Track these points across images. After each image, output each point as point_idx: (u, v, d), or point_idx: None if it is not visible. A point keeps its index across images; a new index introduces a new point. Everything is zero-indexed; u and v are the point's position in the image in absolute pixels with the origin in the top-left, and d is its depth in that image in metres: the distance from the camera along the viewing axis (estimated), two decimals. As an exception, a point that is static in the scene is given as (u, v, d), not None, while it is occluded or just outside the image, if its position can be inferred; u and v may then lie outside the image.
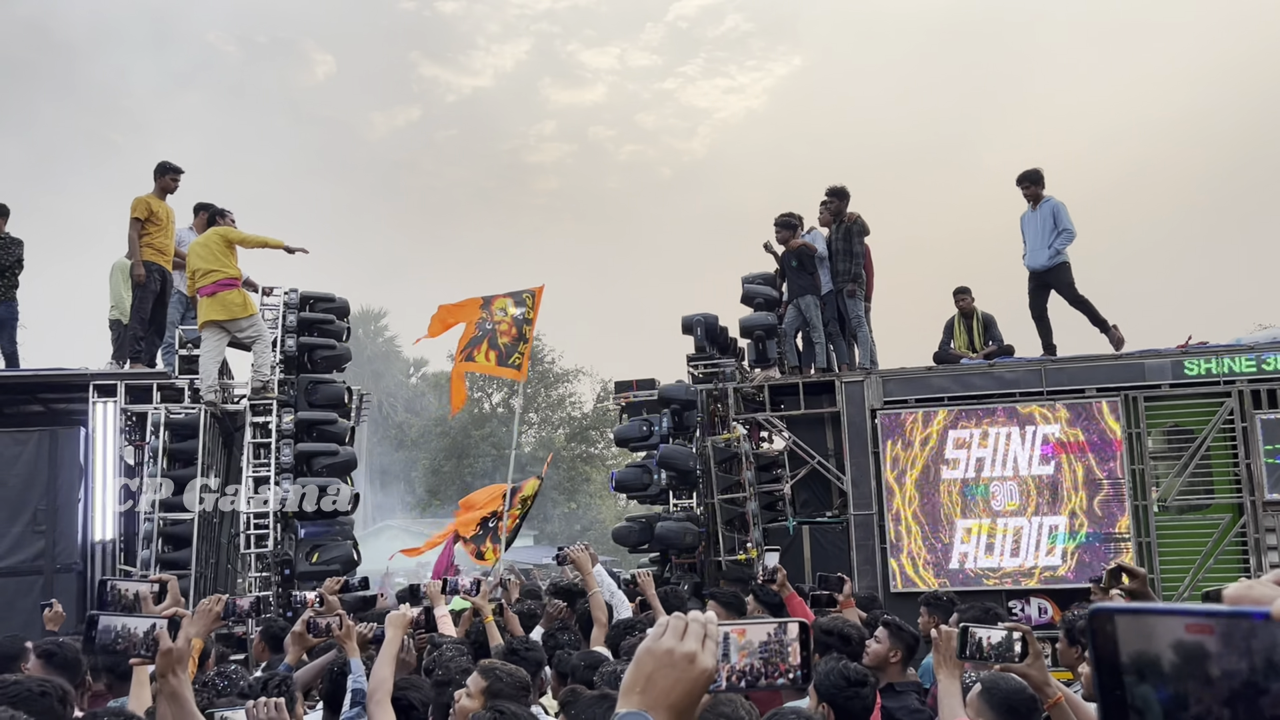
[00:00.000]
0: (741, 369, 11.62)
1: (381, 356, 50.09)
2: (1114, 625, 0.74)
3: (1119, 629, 0.74)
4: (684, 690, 1.28)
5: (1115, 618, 0.74)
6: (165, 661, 2.88)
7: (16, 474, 9.56)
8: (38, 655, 4.74)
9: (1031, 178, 11.02)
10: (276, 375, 10.19)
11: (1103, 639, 0.74)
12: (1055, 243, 10.80)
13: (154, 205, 10.37)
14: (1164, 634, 0.72)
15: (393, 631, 4.14)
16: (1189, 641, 0.72)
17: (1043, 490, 10.40)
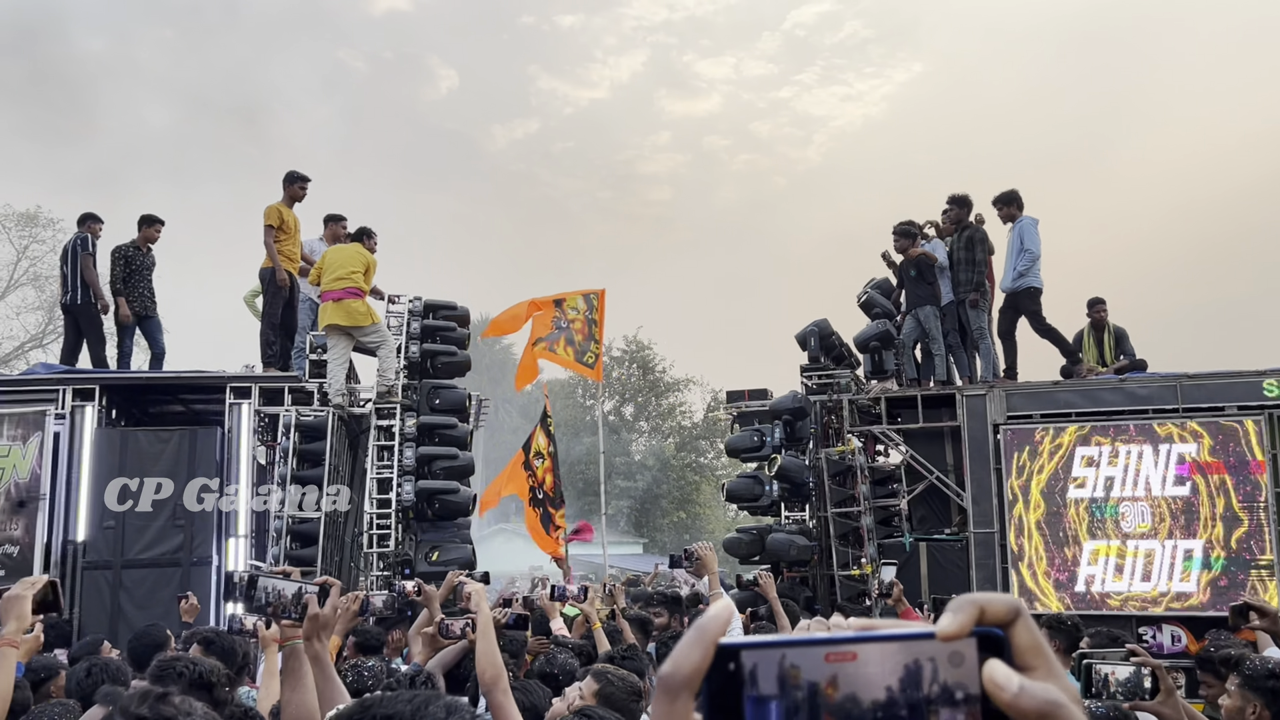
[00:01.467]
0: (857, 380, 11.44)
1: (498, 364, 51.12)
2: (738, 663, 0.62)
3: (744, 669, 0.62)
4: None
5: (740, 653, 0.62)
6: (312, 626, 2.91)
7: (159, 470, 10.08)
8: (198, 643, 4.96)
9: (1003, 199, 10.80)
10: (400, 380, 10.50)
11: (719, 679, 0.62)
12: (1018, 264, 10.45)
13: (284, 213, 10.83)
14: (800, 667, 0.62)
15: (484, 609, 3.98)
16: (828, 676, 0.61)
17: (1177, 512, 9.93)
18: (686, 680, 0.62)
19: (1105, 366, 10.96)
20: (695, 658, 0.61)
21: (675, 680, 0.62)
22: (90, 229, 11.10)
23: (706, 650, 0.62)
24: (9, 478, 9.91)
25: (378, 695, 1.43)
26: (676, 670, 0.62)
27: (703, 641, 0.62)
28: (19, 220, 29.97)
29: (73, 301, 10.96)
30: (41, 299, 30.67)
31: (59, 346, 30.55)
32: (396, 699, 1.41)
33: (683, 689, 0.62)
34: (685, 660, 0.62)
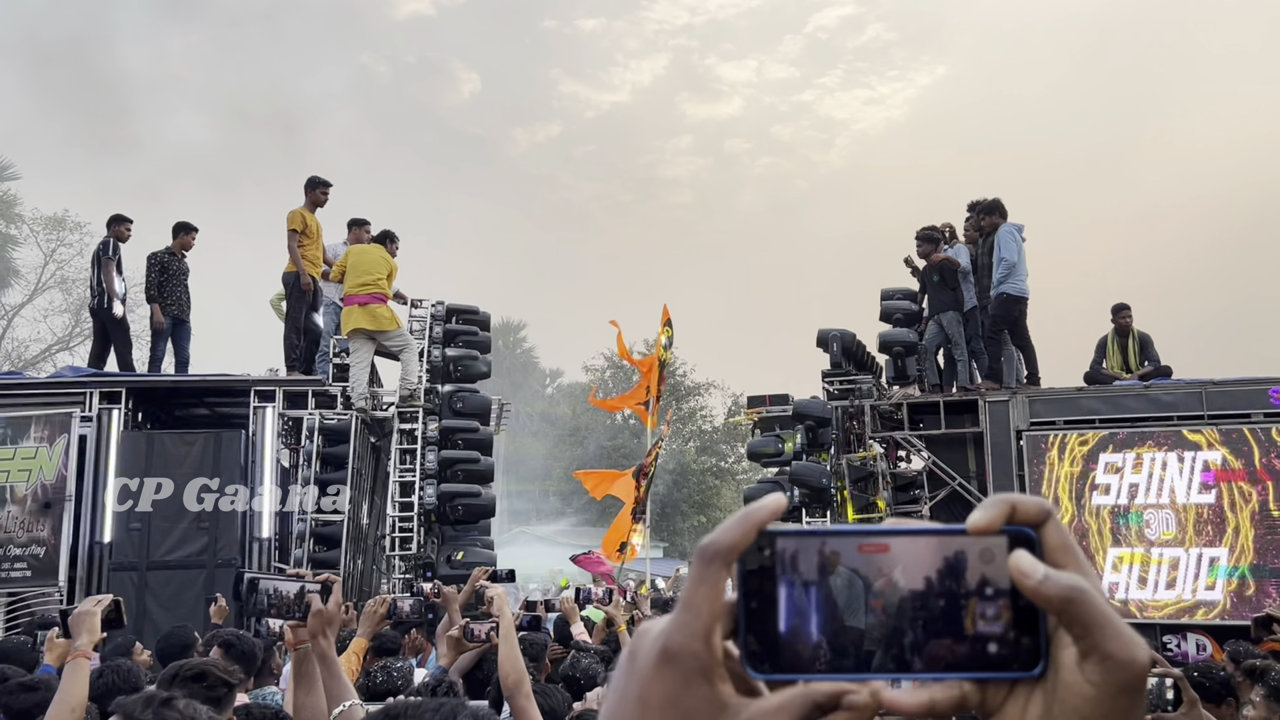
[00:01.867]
0: (879, 386, 11.41)
1: (520, 367, 51.25)
2: (773, 548, 0.63)
3: (778, 553, 0.63)
4: None
5: (777, 540, 0.63)
6: (317, 623, 2.89)
7: (184, 472, 10.18)
8: (219, 645, 5.01)
9: (986, 208, 10.80)
10: (423, 384, 10.56)
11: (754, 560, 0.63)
12: (997, 272, 10.41)
13: (307, 218, 10.91)
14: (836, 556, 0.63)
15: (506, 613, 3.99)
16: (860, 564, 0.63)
17: (1202, 520, 9.84)
18: (722, 552, 0.63)
19: (1129, 373, 10.88)
20: (736, 534, 0.63)
21: (711, 550, 0.64)
22: (117, 231, 11.19)
23: (748, 531, 0.63)
24: (36, 479, 10.02)
25: (403, 702, 1.44)
26: (715, 542, 0.64)
27: (746, 522, 0.64)
28: (47, 224, 30.33)
29: (99, 305, 11.07)
30: (68, 302, 31.04)
31: (85, 349, 30.89)
32: (422, 707, 1.42)
33: (717, 559, 0.63)
34: (726, 535, 0.64)
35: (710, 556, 0.64)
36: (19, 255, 29.88)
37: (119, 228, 11.20)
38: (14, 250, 29.67)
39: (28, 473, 10.05)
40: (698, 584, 0.64)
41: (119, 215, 11.28)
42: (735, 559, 0.64)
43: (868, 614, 0.64)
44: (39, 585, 9.77)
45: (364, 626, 4.53)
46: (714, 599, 0.64)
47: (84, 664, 2.93)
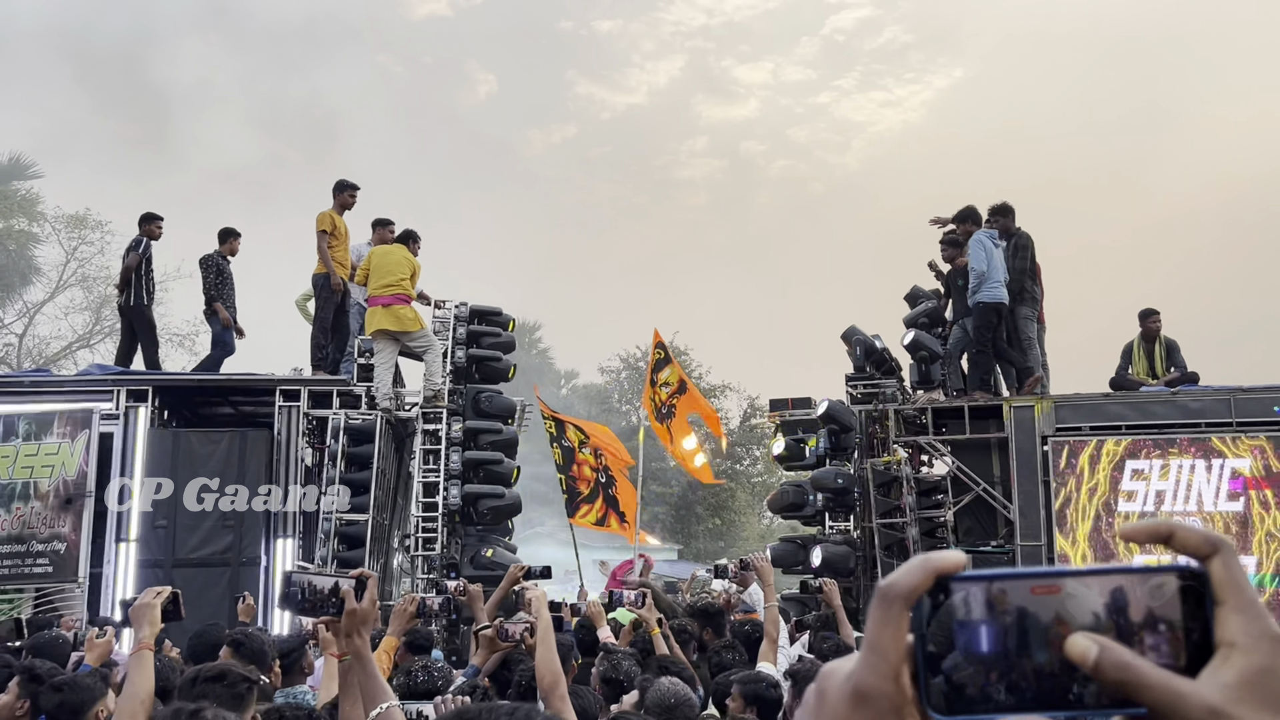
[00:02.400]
0: (903, 390, 11.37)
1: (535, 368, 51.33)
2: (949, 593, 0.67)
3: (954, 598, 0.67)
4: None
5: (950, 585, 0.67)
6: (350, 622, 2.82)
7: (209, 470, 10.23)
8: (228, 644, 5.04)
9: (959, 217, 10.80)
10: (447, 385, 10.58)
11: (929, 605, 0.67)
12: (971, 281, 10.39)
13: (335, 220, 10.96)
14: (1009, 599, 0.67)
15: (544, 614, 3.99)
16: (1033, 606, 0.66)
17: (1230, 528, 9.76)
18: (902, 594, 0.68)
19: (1156, 379, 10.82)
20: (916, 578, 0.68)
21: (892, 592, 0.68)
22: (148, 229, 11.23)
23: (928, 575, 0.68)
24: (58, 475, 10.07)
25: (477, 708, 1.44)
26: (896, 584, 0.68)
27: (926, 567, 0.68)
28: (68, 222, 30.51)
29: (127, 302, 11.13)
30: (89, 300, 31.21)
31: (105, 347, 31.02)
32: (496, 711, 1.41)
33: (898, 600, 0.68)
34: (906, 578, 0.68)
35: (891, 598, 0.68)
36: (41, 253, 30.11)
37: (150, 226, 11.24)
38: (36, 248, 29.89)
39: (50, 468, 10.10)
40: (882, 626, 0.68)
41: (150, 214, 11.32)
42: (914, 601, 0.68)
43: (1041, 652, 0.67)
44: (60, 581, 9.83)
45: (394, 625, 4.54)
46: (899, 640, 0.68)
47: (148, 656, 2.98)
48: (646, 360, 42.50)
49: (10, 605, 9.72)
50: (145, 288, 11.12)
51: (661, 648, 5.88)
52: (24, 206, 29.74)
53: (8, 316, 30.63)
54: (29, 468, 10.07)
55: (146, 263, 11.12)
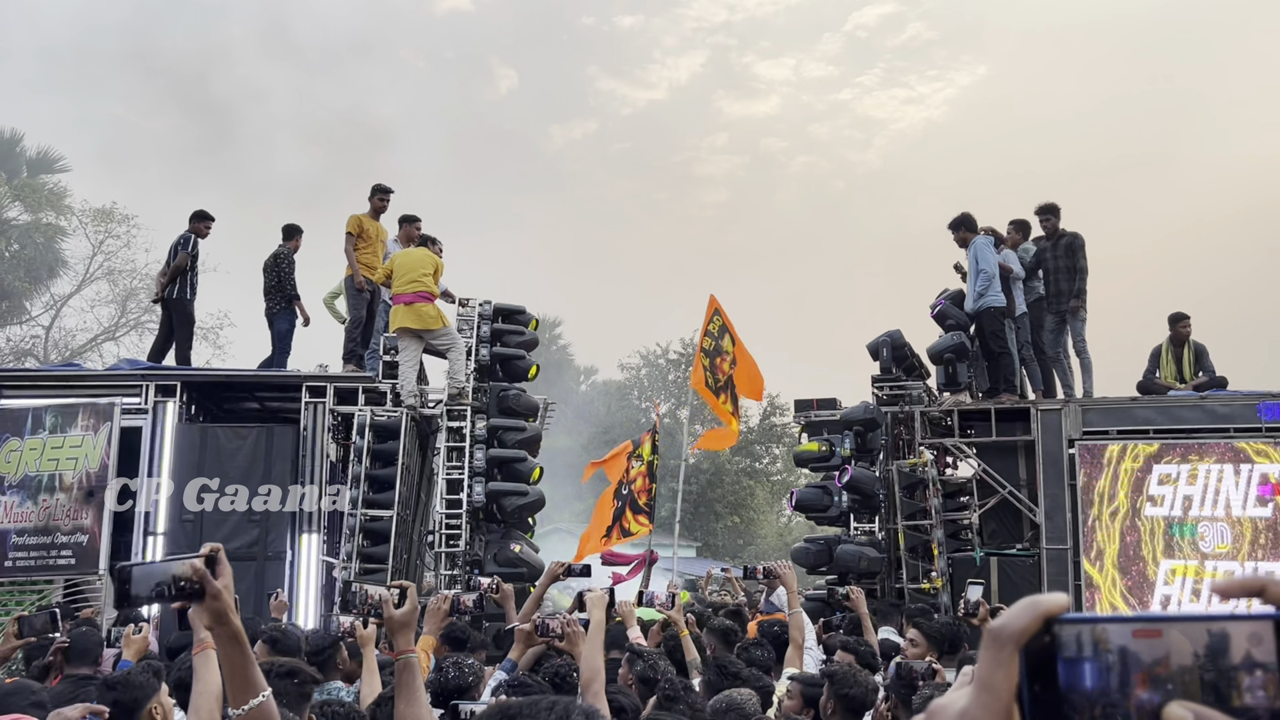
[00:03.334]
0: (930, 392, 11.32)
1: (554, 364, 51.41)
2: (1055, 635, 0.71)
3: (1059, 639, 0.71)
4: None
5: (1055, 627, 0.72)
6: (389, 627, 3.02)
7: (236, 465, 10.30)
8: (264, 641, 5.07)
9: (954, 224, 10.77)
10: (470, 383, 10.62)
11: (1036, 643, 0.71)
12: (977, 285, 10.37)
13: (365, 223, 11.03)
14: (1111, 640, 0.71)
15: (598, 614, 4.07)
16: (1134, 647, 0.70)
17: (1259, 533, 9.68)
18: (1013, 636, 0.71)
19: (1184, 383, 10.73)
20: (1024, 621, 0.71)
21: (1005, 634, 0.72)
22: (197, 227, 11.29)
23: (1036, 618, 0.72)
24: (82, 467, 10.15)
25: (517, 701, 1.44)
26: (1006, 626, 0.72)
27: (1034, 610, 0.72)
28: (95, 216, 30.78)
29: (170, 295, 11.21)
30: (115, 293, 31.48)
31: (130, 340, 31.22)
32: (537, 706, 1.42)
33: (1009, 642, 0.71)
34: (1017, 621, 0.72)
35: (1004, 640, 0.72)
36: (67, 246, 30.38)
37: (199, 224, 11.30)
38: (63, 241, 30.16)
39: (75, 461, 10.18)
40: (995, 666, 0.72)
41: (201, 211, 11.38)
42: (1024, 643, 0.72)
43: (1139, 693, 0.70)
44: (82, 573, 9.92)
45: (430, 624, 4.57)
46: (1011, 680, 0.71)
47: (211, 655, 3.01)
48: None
49: (40, 596, 9.82)
50: (190, 283, 11.19)
51: (691, 650, 5.88)
52: (51, 200, 30.02)
53: (35, 309, 30.94)
54: (55, 460, 10.16)
55: (192, 260, 11.18)
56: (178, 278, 11.14)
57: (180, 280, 11.13)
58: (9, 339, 30.41)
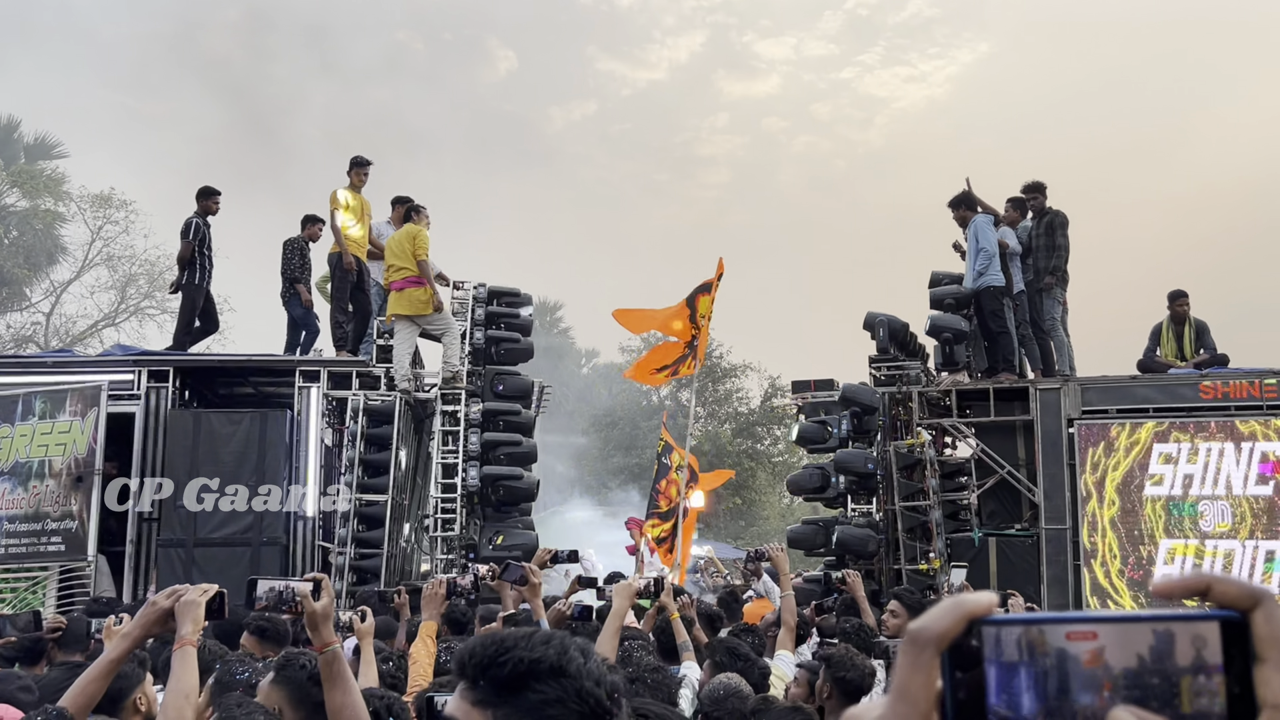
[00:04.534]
0: (927, 372, 11.23)
1: (555, 348, 51.34)
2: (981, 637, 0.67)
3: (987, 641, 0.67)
4: None
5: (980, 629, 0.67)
6: (310, 621, 2.98)
7: (230, 451, 10.24)
8: (251, 632, 5.00)
9: (953, 203, 10.68)
10: (465, 366, 10.54)
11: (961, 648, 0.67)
12: (976, 264, 10.28)
13: (348, 198, 10.88)
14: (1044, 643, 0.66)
15: (620, 602, 4.05)
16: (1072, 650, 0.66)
17: (1259, 512, 9.62)
18: (934, 639, 0.67)
19: (1185, 361, 10.63)
20: (946, 623, 0.67)
21: (923, 637, 0.68)
22: (203, 205, 11.06)
23: (959, 620, 0.67)
24: (70, 453, 10.07)
25: (514, 632, 1.37)
26: (926, 629, 0.68)
27: (957, 611, 0.67)
28: (94, 202, 30.69)
29: (185, 281, 11.09)
30: (115, 279, 31.42)
31: (130, 325, 31.17)
32: (534, 640, 1.35)
33: (929, 645, 0.67)
34: (937, 623, 0.67)
35: (923, 643, 0.67)
36: (66, 232, 30.30)
37: (206, 201, 11.09)
38: (62, 227, 30.07)
39: (63, 447, 10.11)
40: (912, 672, 0.67)
41: (206, 188, 11.12)
42: (946, 647, 0.67)
43: (1078, 698, 0.66)
44: (72, 559, 9.87)
45: (428, 610, 4.53)
46: (930, 687, 0.66)
47: (191, 652, 2.97)
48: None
49: (34, 583, 9.79)
50: (199, 267, 10.97)
51: (681, 634, 5.84)
52: (50, 186, 29.93)
53: (35, 295, 30.90)
54: (44, 446, 10.10)
55: (200, 242, 11.01)
56: (186, 266, 11.00)
57: (189, 268, 10.98)
58: (9, 326, 30.41)
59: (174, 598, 3.05)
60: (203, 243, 11.01)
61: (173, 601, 3.04)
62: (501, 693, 1.31)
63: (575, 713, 1.31)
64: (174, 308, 31.46)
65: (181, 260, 11.02)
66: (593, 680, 1.33)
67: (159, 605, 3.05)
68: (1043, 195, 10.86)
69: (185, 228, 10.98)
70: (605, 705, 1.33)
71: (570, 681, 1.32)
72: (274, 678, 3.05)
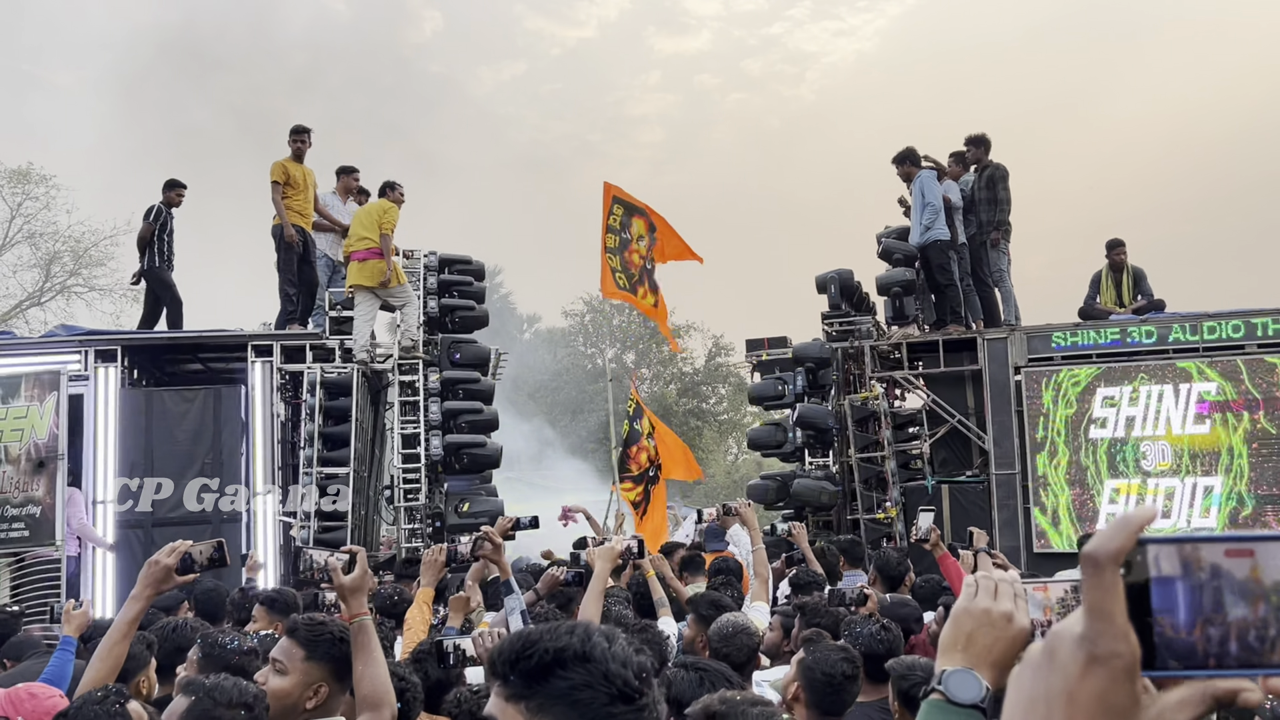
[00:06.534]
0: (878, 326, 11.46)
1: (496, 313, 50.99)
2: (1144, 554, 0.73)
3: (1149, 558, 0.73)
4: (1004, 648, 1.34)
5: (1147, 546, 0.73)
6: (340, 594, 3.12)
7: (185, 429, 10.11)
8: (261, 603, 5.00)
9: (898, 159, 10.93)
10: (421, 336, 10.49)
11: (1135, 569, 0.73)
12: (923, 218, 10.57)
13: (290, 169, 10.68)
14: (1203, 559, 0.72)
15: (601, 565, 4.10)
16: (1227, 566, 0.72)
17: (1197, 451, 10.04)
18: (1111, 557, 0.72)
19: (1123, 307, 10.99)
20: (1119, 540, 0.72)
21: (1102, 556, 0.72)
22: (167, 196, 10.91)
23: (1130, 536, 0.72)
24: (29, 438, 9.89)
25: (539, 628, 1.45)
26: (1103, 548, 0.72)
27: (1127, 528, 0.73)
28: (11, 177, 29.61)
29: (145, 267, 10.88)
30: (37, 257, 30.44)
31: (56, 304, 30.19)
32: (558, 631, 1.43)
33: (1109, 564, 0.72)
34: (1111, 541, 0.72)
35: (1102, 562, 0.72)
36: (-18, 210, 29.22)
37: (169, 193, 10.92)
38: (-23, 206, 29.01)
39: (20, 432, 9.92)
40: (1099, 590, 0.72)
41: (171, 180, 11.01)
42: (1121, 563, 0.72)
43: (1233, 611, 0.71)
44: (37, 545, 9.72)
45: (426, 576, 4.57)
46: (1119, 602, 0.72)
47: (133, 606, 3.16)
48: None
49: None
50: (159, 252, 10.78)
51: (658, 589, 5.97)
52: (-37, 164, 28.81)
53: (-47, 277, 29.82)
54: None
55: (161, 228, 10.78)
56: (146, 249, 10.79)
57: (149, 251, 10.77)
58: (-71, 308, 29.33)
59: (175, 555, 3.12)
60: (164, 229, 10.79)
61: (175, 559, 3.11)
62: (531, 684, 1.38)
63: (604, 694, 1.37)
64: (102, 286, 30.74)
65: (141, 242, 10.82)
66: (619, 663, 1.39)
67: (162, 563, 3.12)
68: (983, 148, 11.07)
69: (147, 211, 10.81)
70: (634, 685, 1.38)
71: (596, 665, 1.38)
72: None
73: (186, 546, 3.16)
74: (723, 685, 2.86)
